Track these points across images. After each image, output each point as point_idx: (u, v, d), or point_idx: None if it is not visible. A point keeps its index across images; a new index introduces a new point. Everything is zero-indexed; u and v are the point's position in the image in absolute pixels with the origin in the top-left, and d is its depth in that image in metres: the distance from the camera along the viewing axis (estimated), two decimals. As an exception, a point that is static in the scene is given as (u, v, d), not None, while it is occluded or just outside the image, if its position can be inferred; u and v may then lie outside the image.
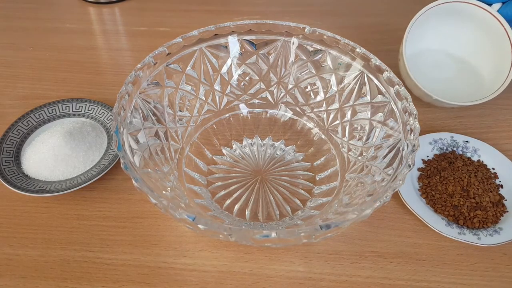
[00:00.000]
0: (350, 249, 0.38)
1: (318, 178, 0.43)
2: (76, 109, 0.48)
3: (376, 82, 0.40)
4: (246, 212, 0.40)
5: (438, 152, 0.46)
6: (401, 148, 0.35)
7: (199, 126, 0.45)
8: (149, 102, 0.39)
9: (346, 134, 0.43)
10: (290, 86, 0.46)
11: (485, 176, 0.43)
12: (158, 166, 0.37)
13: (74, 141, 0.43)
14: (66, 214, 0.40)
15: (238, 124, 0.47)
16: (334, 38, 0.41)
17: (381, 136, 0.39)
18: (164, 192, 0.34)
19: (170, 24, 0.64)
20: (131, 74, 0.37)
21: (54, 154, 0.42)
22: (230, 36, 0.43)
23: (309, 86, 0.45)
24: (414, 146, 0.33)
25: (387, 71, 0.39)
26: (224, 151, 0.45)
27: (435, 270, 0.37)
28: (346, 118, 0.43)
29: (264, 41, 0.44)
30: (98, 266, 0.37)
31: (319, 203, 0.40)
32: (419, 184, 0.43)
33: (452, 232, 0.38)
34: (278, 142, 0.46)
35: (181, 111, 0.43)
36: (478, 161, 0.45)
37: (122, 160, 0.31)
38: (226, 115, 0.47)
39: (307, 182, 0.42)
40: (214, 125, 0.46)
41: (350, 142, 0.42)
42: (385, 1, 0.71)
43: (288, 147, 0.46)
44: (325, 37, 0.42)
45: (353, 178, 0.39)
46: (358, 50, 0.41)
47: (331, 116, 0.44)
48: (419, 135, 0.34)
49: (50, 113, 0.47)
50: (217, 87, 0.45)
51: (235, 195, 0.41)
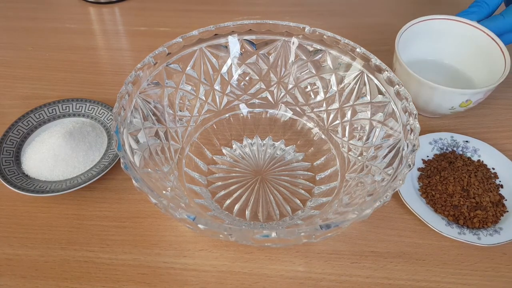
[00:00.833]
0: (350, 249, 0.38)
1: (318, 178, 0.43)
2: (76, 109, 0.48)
3: (376, 82, 0.40)
4: (246, 212, 0.40)
5: (438, 152, 0.46)
6: (401, 148, 0.35)
7: (199, 126, 0.45)
8: (149, 102, 0.39)
9: (346, 134, 0.43)
10: (290, 86, 0.46)
11: (485, 176, 0.43)
12: (158, 166, 0.37)
13: (74, 141, 0.43)
14: (66, 214, 0.40)
15: (238, 124, 0.47)
16: (334, 38, 0.41)
17: (381, 136, 0.39)
18: (164, 192, 0.34)
19: (170, 24, 0.64)
20: (131, 74, 0.37)
21: (54, 154, 0.42)
22: (230, 36, 0.43)
23: (309, 86, 0.45)
24: (414, 146, 0.33)
25: (387, 71, 0.39)
26: (224, 151, 0.45)
27: (435, 270, 0.37)
28: (346, 118, 0.43)
29: (264, 41, 0.44)
30: (98, 266, 0.37)
31: (319, 203, 0.40)
32: (419, 184, 0.43)
33: (452, 232, 0.38)
34: (278, 142, 0.46)
35: (181, 111, 0.43)
36: (478, 161, 0.45)
37: (122, 160, 0.31)
38: (226, 115, 0.47)
39: (307, 182, 0.42)
40: (214, 125, 0.46)
41: (350, 142, 0.42)
42: (385, 1, 0.71)
43: (288, 147, 0.46)
44: (325, 37, 0.42)
45: (353, 178, 0.39)
46: (358, 50, 0.41)
47: (331, 116, 0.44)
48: (419, 135, 0.34)
49: (50, 113, 0.47)
50: (217, 87, 0.45)
51: (235, 195, 0.41)
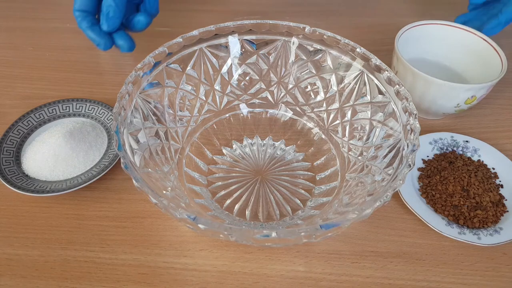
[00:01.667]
0: (350, 249, 0.38)
1: (318, 178, 0.43)
2: (76, 109, 0.48)
3: (376, 82, 0.40)
4: (246, 212, 0.40)
5: (438, 152, 0.46)
6: (401, 148, 0.35)
7: (199, 126, 0.45)
8: (149, 102, 0.39)
9: (346, 134, 0.43)
10: (290, 86, 0.46)
11: (485, 176, 0.43)
12: (158, 166, 0.37)
13: (75, 141, 0.43)
14: (67, 214, 0.40)
15: (238, 124, 0.47)
16: (334, 38, 0.41)
17: (381, 136, 0.39)
18: (164, 192, 0.34)
19: (170, 24, 0.64)
20: (131, 74, 0.37)
21: (54, 154, 0.42)
22: (230, 36, 0.43)
23: (309, 86, 0.45)
24: (414, 146, 0.33)
25: (387, 71, 0.39)
26: (224, 151, 0.45)
27: (435, 270, 0.37)
28: (346, 118, 0.43)
29: (264, 41, 0.44)
30: (98, 266, 0.37)
31: (319, 203, 0.40)
32: (419, 184, 0.43)
33: (452, 232, 0.38)
34: (278, 142, 0.46)
35: (181, 111, 0.43)
36: (478, 161, 0.45)
37: (122, 160, 0.31)
38: (226, 115, 0.47)
39: (307, 182, 0.42)
40: (214, 125, 0.46)
41: (350, 142, 0.42)
42: (385, 1, 0.71)
43: (288, 147, 0.46)
44: (325, 37, 0.42)
45: (353, 178, 0.39)
46: (358, 50, 0.41)
47: (331, 116, 0.44)
48: (419, 135, 0.34)
49: (50, 113, 0.47)
50: (217, 87, 0.45)
51: (235, 195, 0.41)
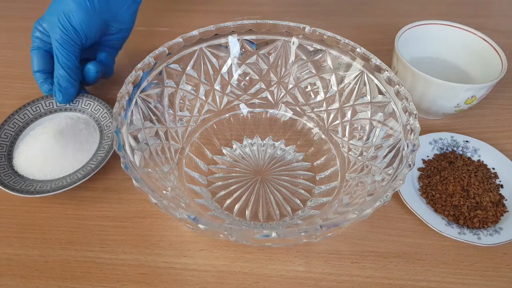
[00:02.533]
0: (350, 248, 0.38)
1: (318, 178, 0.43)
2: (73, 103, 0.47)
3: (376, 82, 0.40)
4: (246, 212, 0.40)
5: (438, 152, 0.46)
6: (401, 148, 0.35)
7: (199, 126, 0.45)
8: (149, 102, 0.39)
9: (346, 134, 0.43)
10: (290, 86, 0.46)
11: (485, 176, 0.43)
12: (158, 166, 0.37)
13: (65, 139, 0.42)
14: (66, 214, 0.40)
15: (238, 124, 0.47)
16: (334, 38, 0.41)
17: (381, 136, 0.39)
18: (164, 192, 0.34)
19: (170, 24, 0.64)
20: (131, 74, 0.37)
21: (44, 152, 0.42)
22: (230, 36, 0.43)
23: (309, 86, 0.45)
24: (414, 146, 0.33)
25: (387, 71, 0.39)
26: (224, 151, 0.45)
27: (435, 270, 0.37)
28: (346, 118, 0.43)
29: (264, 41, 0.44)
30: (98, 266, 0.37)
31: (319, 203, 0.40)
32: (419, 184, 0.43)
33: (452, 232, 0.38)
34: (278, 142, 0.46)
35: (181, 111, 0.43)
36: (478, 161, 0.45)
37: (122, 160, 0.31)
38: (226, 115, 0.47)
39: (307, 182, 0.42)
40: (214, 125, 0.46)
41: (350, 142, 0.42)
42: (385, 1, 0.71)
43: (288, 147, 0.46)
44: (325, 37, 0.42)
45: (353, 178, 0.39)
46: (358, 50, 0.41)
47: (331, 116, 0.44)
48: (419, 135, 0.34)
49: (47, 106, 0.47)
50: (217, 87, 0.45)
51: (235, 195, 0.41)
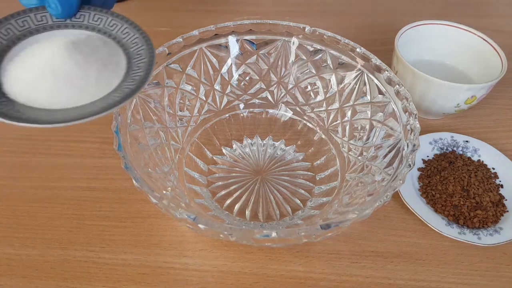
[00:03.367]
0: (350, 248, 0.38)
1: (318, 178, 0.43)
2: (76, 18, 0.33)
3: (376, 82, 0.40)
4: (246, 212, 0.40)
5: (438, 152, 0.46)
6: (401, 147, 0.35)
7: (199, 126, 0.45)
8: (149, 102, 0.39)
9: (346, 134, 0.43)
10: (290, 86, 0.46)
11: (485, 176, 0.43)
12: (158, 166, 0.37)
13: (82, 55, 0.30)
14: (66, 213, 0.40)
15: (238, 124, 0.47)
16: (334, 38, 0.41)
17: (381, 135, 0.39)
18: (164, 192, 0.34)
19: (170, 24, 0.64)
20: (131, 74, 0.37)
21: (53, 69, 0.29)
22: (230, 36, 0.43)
23: (309, 86, 0.45)
24: (414, 146, 0.33)
25: (387, 71, 0.39)
26: (224, 151, 0.45)
27: (435, 270, 0.37)
28: (346, 118, 0.43)
29: (264, 41, 0.44)
30: (98, 266, 0.37)
31: (319, 203, 0.40)
32: (419, 184, 0.43)
33: (452, 232, 0.38)
34: (278, 142, 0.46)
35: (181, 111, 0.43)
36: (478, 161, 0.45)
37: (122, 160, 0.31)
38: (226, 115, 0.47)
39: (307, 182, 0.42)
40: (214, 125, 0.46)
41: (350, 142, 0.42)
42: (385, 1, 0.71)
43: (288, 147, 0.46)
44: (325, 37, 0.42)
45: (353, 178, 0.39)
46: (358, 50, 0.41)
47: (331, 116, 0.44)
48: (419, 135, 0.34)
49: (38, 20, 0.33)
50: (217, 87, 0.45)
51: (235, 195, 0.41)
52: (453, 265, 0.37)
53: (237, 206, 0.40)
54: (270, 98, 0.47)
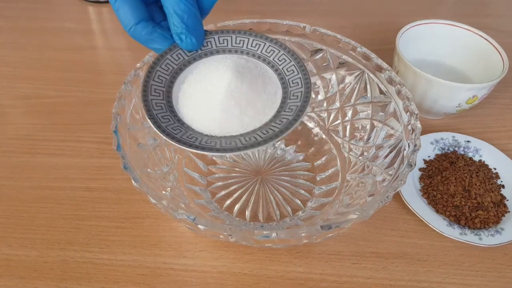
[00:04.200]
0: (351, 249, 0.38)
1: (318, 178, 0.42)
2: (236, 43, 0.34)
3: (377, 81, 0.40)
4: (246, 212, 0.40)
5: (439, 152, 0.46)
6: (402, 148, 0.35)
7: (199, 126, 0.45)
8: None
9: (347, 134, 0.43)
10: (290, 86, 0.46)
11: (486, 176, 0.42)
12: (157, 166, 0.37)
13: (249, 75, 0.30)
14: (66, 214, 0.40)
15: (238, 124, 0.47)
16: (335, 37, 0.41)
17: (382, 135, 0.39)
18: (164, 192, 0.34)
19: (170, 23, 0.64)
20: (131, 73, 0.37)
21: (232, 95, 0.29)
22: (230, 35, 0.43)
23: (309, 86, 0.45)
24: (415, 146, 0.33)
25: (388, 71, 0.38)
26: (224, 151, 0.45)
27: (437, 271, 0.37)
28: (347, 118, 0.43)
29: (264, 40, 0.44)
30: (97, 266, 0.37)
31: (320, 203, 0.40)
32: (421, 184, 0.43)
33: (453, 232, 0.38)
34: (279, 142, 0.46)
35: (181, 111, 0.43)
36: (480, 161, 0.44)
37: (121, 160, 0.31)
38: (226, 115, 0.47)
39: (308, 182, 0.42)
40: (214, 125, 0.46)
41: (351, 142, 0.42)
42: (385, 1, 0.71)
43: (288, 147, 0.45)
44: (325, 36, 0.42)
45: (354, 178, 0.39)
46: (359, 49, 0.40)
47: (332, 115, 0.44)
48: (421, 135, 0.34)
49: (204, 46, 0.33)
50: (217, 87, 0.45)
51: (235, 195, 0.41)
52: (454, 265, 0.37)
53: (237, 207, 0.40)
54: (270, 98, 0.47)
